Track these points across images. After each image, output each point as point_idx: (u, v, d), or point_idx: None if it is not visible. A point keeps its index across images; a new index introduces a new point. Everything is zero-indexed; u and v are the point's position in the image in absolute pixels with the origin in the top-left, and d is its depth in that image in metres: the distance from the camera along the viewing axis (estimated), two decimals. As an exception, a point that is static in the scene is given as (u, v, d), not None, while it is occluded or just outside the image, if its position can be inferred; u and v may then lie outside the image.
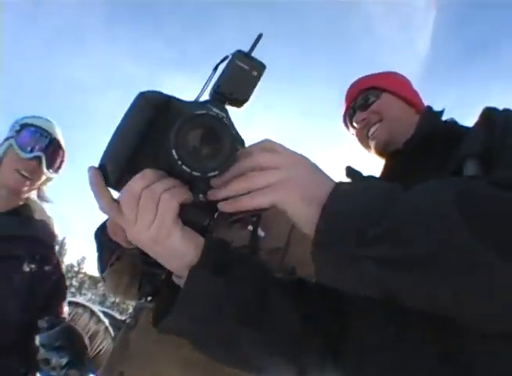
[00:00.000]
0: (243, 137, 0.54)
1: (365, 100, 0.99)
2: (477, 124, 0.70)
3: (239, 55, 0.53)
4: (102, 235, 1.04)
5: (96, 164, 0.49)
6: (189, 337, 0.58)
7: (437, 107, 0.92)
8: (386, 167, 0.90)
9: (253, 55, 0.54)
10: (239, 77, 0.53)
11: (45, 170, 1.39)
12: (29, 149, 1.37)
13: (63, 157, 1.47)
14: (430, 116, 0.90)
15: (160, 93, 0.50)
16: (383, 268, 0.42)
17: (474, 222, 0.39)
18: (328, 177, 0.50)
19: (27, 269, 1.16)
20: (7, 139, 1.40)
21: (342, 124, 1.10)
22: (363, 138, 0.98)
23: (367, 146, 0.99)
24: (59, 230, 1.53)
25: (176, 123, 0.44)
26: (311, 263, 0.49)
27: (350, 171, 0.92)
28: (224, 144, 0.46)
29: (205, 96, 0.55)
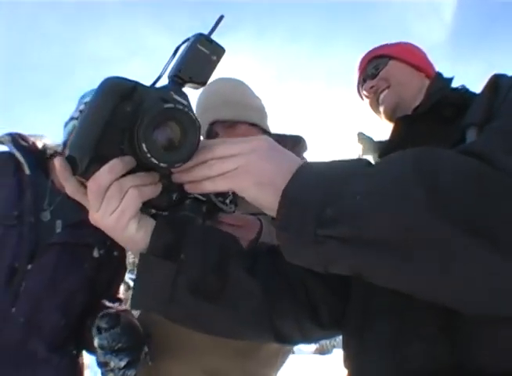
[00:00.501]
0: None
1: (374, 69, 1.01)
2: (483, 91, 0.70)
3: (201, 38, 0.54)
4: None
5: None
6: (157, 313, 0.62)
7: (464, 76, 0.88)
8: (393, 132, 0.88)
9: (213, 37, 0.55)
10: (200, 61, 0.54)
11: None
12: None
13: None
14: (440, 82, 0.89)
15: (124, 80, 0.51)
16: (344, 247, 0.42)
17: (435, 198, 0.37)
18: (289, 160, 0.50)
19: (96, 255, 1.12)
20: (72, 118, 1.28)
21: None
22: (374, 105, 0.99)
23: (379, 113, 0.99)
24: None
25: (145, 117, 0.46)
26: None
27: (361, 137, 0.96)
28: (189, 137, 0.48)
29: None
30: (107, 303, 1.09)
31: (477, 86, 0.80)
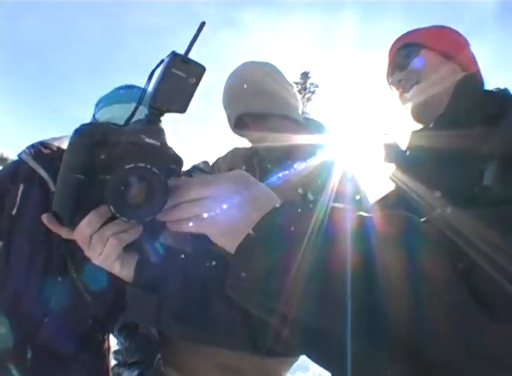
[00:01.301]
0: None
1: (404, 58, 0.90)
2: None
3: (175, 60, 0.50)
4: None
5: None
6: None
7: None
8: (409, 146, 0.81)
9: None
10: (176, 88, 0.51)
11: None
12: None
13: None
14: (468, 86, 0.80)
15: (94, 129, 0.52)
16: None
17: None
18: (257, 207, 0.47)
19: None
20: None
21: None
22: (402, 100, 0.90)
23: (407, 109, 0.90)
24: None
25: (110, 179, 0.48)
26: None
27: (385, 143, 0.86)
28: (156, 191, 0.48)
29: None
30: None
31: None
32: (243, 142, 1.27)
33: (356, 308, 0.37)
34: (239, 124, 1.17)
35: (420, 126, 0.85)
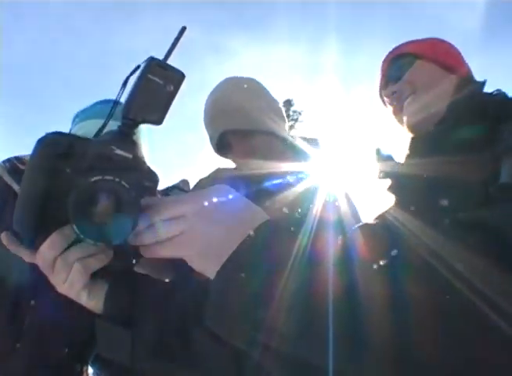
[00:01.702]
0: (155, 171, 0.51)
1: (398, 70, 0.86)
2: None
3: (152, 65, 0.45)
4: None
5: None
6: None
7: (498, 66, 0.76)
8: (409, 154, 0.77)
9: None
10: (152, 96, 0.45)
11: None
12: None
13: None
14: (468, 87, 0.77)
15: (60, 139, 0.45)
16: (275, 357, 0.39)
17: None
18: (242, 222, 0.43)
19: None
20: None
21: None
22: (397, 114, 0.86)
23: (402, 123, 0.85)
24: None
25: (72, 195, 0.41)
26: None
27: (379, 156, 0.83)
28: (126, 208, 0.42)
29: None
30: None
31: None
32: (227, 163, 1.21)
33: (339, 338, 0.34)
34: (222, 143, 1.10)
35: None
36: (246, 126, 1.05)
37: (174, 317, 0.56)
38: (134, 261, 0.51)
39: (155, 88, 0.45)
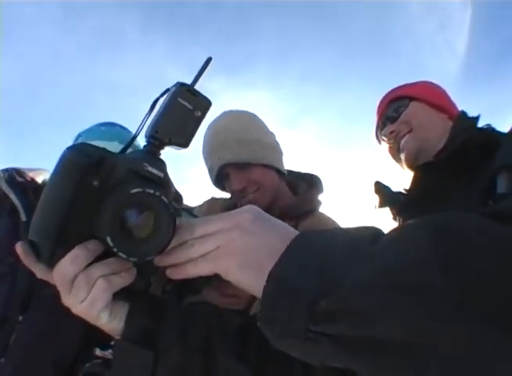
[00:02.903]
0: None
1: (395, 111, 0.94)
2: None
3: (182, 90, 0.46)
4: None
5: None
6: None
7: (477, 110, 0.87)
8: (413, 182, 0.82)
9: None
10: (180, 119, 0.47)
11: None
12: None
13: None
14: (464, 123, 0.83)
15: (91, 150, 0.44)
16: (340, 347, 0.34)
17: (465, 291, 0.28)
18: (279, 234, 0.42)
19: None
20: None
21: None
22: (394, 152, 0.92)
23: (399, 161, 0.92)
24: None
25: (108, 205, 0.40)
26: None
27: (379, 188, 0.88)
28: (163, 224, 0.42)
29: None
30: (98, 352, 1.02)
31: (490, 120, 0.80)
32: (222, 194, 1.22)
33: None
34: (221, 174, 1.12)
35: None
36: (246, 158, 1.07)
37: (198, 339, 0.53)
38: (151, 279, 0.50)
39: (184, 112, 0.46)
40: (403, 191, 0.88)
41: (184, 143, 0.48)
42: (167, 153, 0.49)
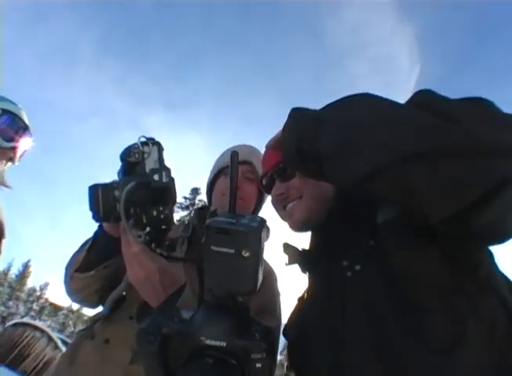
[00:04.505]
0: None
1: (285, 171, 0.91)
2: None
3: (211, 234, 0.46)
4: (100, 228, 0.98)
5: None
6: None
7: None
8: (312, 244, 0.90)
9: None
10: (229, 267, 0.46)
11: (16, 160, 1.47)
12: (8, 137, 1.43)
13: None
14: (344, 194, 0.87)
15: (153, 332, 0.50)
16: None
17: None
18: None
19: None
20: None
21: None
22: (280, 209, 0.94)
23: (283, 217, 0.94)
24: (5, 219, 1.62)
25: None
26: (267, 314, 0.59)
27: (286, 248, 0.92)
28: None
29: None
30: None
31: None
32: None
33: None
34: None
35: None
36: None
37: None
38: None
39: (225, 259, 0.44)
40: (305, 249, 0.91)
41: (251, 292, 0.48)
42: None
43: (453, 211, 0.51)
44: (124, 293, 1.07)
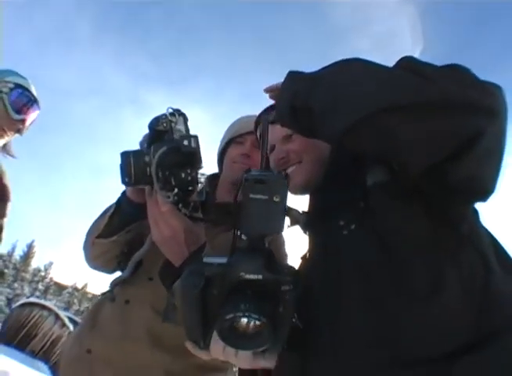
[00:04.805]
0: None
1: (288, 133, 0.94)
2: None
3: (249, 185, 0.57)
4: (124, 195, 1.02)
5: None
6: None
7: None
8: (310, 206, 0.94)
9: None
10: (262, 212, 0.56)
11: (24, 131, 1.56)
12: (19, 110, 1.51)
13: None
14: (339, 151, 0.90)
15: (202, 269, 0.60)
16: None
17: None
18: None
19: None
20: None
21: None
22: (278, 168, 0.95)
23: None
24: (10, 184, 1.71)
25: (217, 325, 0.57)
26: None
27: (288, 210, 0.90)
28: (264, 331, 0.57)
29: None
30: None
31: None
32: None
33: None
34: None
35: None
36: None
37: None
38: None
39: (261, 204, 0.54)
40: (305, 210, 0.95)
41: (279, 231, 0.59)
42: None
43: (431, 159, 0.60)
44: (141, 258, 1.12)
